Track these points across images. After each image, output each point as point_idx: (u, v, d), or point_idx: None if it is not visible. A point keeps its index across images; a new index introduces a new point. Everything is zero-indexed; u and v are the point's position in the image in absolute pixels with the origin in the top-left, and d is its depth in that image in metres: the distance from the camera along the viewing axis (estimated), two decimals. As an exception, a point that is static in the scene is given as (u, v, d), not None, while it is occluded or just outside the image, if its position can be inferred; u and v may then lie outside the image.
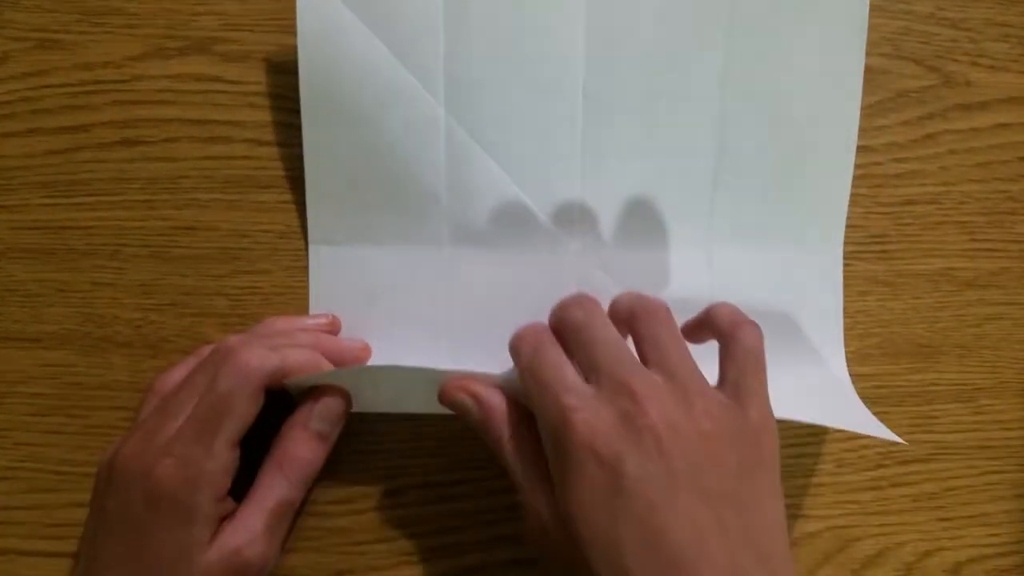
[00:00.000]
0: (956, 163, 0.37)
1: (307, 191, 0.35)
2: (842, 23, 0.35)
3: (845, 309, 0.37)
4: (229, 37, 0.36)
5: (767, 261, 0.36)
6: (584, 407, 0.27)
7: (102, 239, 0.36)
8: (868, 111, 0.36)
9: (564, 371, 0.28)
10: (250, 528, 0.30)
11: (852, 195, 0.36)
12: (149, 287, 0.36)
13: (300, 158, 0.36)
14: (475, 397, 0.30)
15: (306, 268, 0.36)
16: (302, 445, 0.31)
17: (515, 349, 0.30)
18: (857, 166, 0.36)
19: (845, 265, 0.37)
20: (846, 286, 0.37)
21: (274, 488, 0.31)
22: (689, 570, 0.24)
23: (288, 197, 0.36)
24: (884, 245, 0.37)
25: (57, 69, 0.36)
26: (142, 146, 0.36)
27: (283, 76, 0.36)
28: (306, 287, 0.36)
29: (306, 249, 0.36)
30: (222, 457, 0.29)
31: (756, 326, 0.30)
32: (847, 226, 0.36)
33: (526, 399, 0.29)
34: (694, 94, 0.35)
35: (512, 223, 0.35)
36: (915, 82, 0.37)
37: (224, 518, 0.30)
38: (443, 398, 0.31)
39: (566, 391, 0.27)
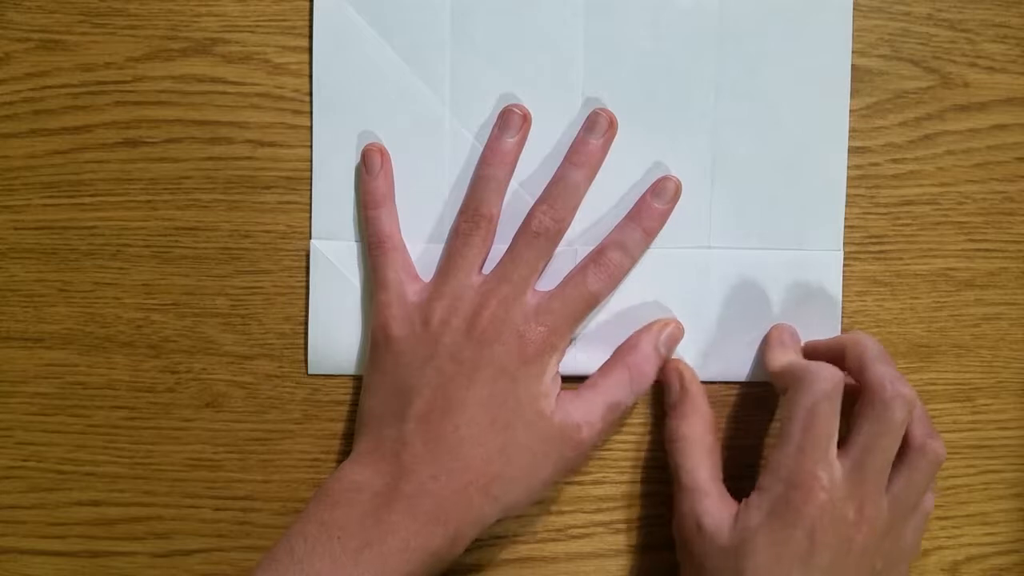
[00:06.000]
0: (954, 164, 0.37)
1: (313, 187, 0.36)
2: (828, 27, 0.36)
3: (843, 309, 0.37)
4: (230, 38, 0.36)
5: (767, 263, 0.36)
6: (829, 502, 0.30)
7: (104, 239, 0.36)
8: (866, 112, 0.37)
9: (828, 448, 0.31)
10: (592, 412, 0.33)
11: (850, 196, 0.37)
12: (151, 287, 0.36)
13: (302, 159, 0.36)
14: (680, 377, 0.35)
15: (306, 268, 0.36)
16: (649, 361, 0.35)
17: (810, 374, 0.31)
18: (855, 167, 0.37)
19: (843, 266, 0.37)
20: (844, 286, 0.37)
21: (618, 388, 0.34)
22: None
23: (289, 198, 0.36)
24: (882, 245, 0.37)
25: (59, 70, 0.36)
26: (144, 147, 0.36)
27: (284, 77, 0.36)
28: (307, 287, 0.36)
29: (308, 245, 0.36)
30: (572, 337, 0.35)
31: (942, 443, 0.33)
32: (845, 227, 0.37)
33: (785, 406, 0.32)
34: (689, 100, 0.36)
35: (514, 224, 0.35)
36: (913, 83, 0.37)
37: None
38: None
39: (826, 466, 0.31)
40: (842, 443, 0.31)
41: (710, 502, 0.32)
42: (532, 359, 0.33)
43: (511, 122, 0.35)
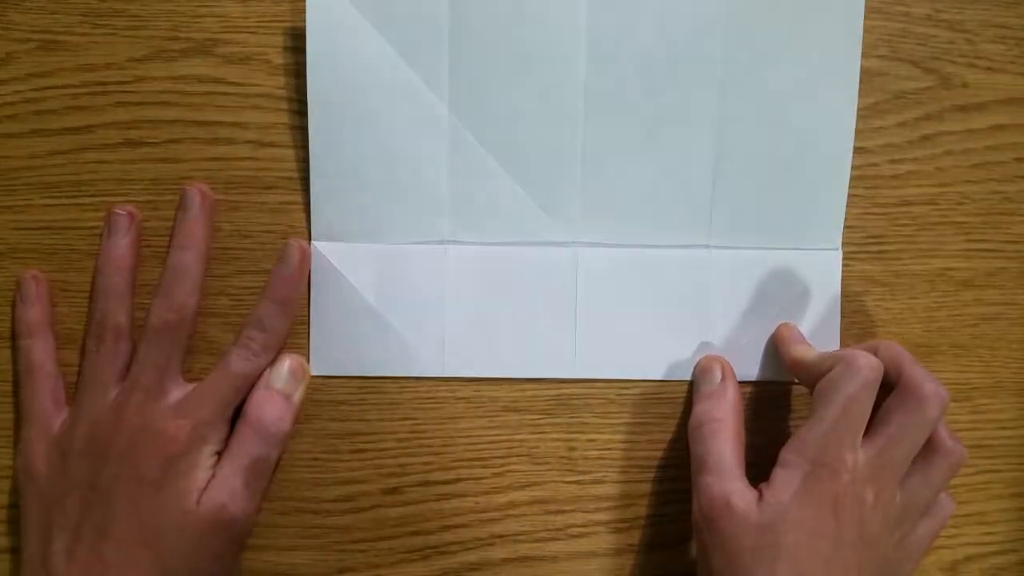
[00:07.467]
0: (953, 164, 0.37)
1: (311, 188, 0.36)
2: (838, 25, 0.35)
3: (842, 309, 0.37)
4: (231, 39, 0.36)
5: (766, 261, 0.36)
6: (851, 483, 0.31)
7: (105, 239, 0.36)
8: (865, 112, 0.37)
9: (858, 435, 0.31)
10: (232, 484, 0.32)
11: (849, 196, 0.37)
12: (151, 287, 0.36)
13: (302, 159, 0.36)
14: (723, 367, 0.35)
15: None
16: (265, 404, 0.34)
17: (856, 361, 0.31)
18: (854, 167, 0.37)
19: (842, 266, 0.37)
20: (843, 286, 0.37)
21: (248, 446, 0.33)
22: None
23: (290, 198, 0.36)
24: (881, 246, 0.37)
25: (60, 70, 0.36)
26: (145, 147, 0.36)
27: (285, 78, 0.36)
28: (307, 286, 0.36)
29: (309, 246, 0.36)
30: (228, 425, 0.34)
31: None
32: (844, 227, 0.37)
33: (811, 390, 0.33)
34: (694, 95, 0.36)
35: (513, 222, 0.35)
36: (912, 84, 0.37)
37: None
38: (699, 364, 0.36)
39: (852, 454, 0.31)
40: (866, 432, 0.32)
41: (738, 483, 0.32)
42: (178, 456, 0.32)
43: (118, 225, 0.35)
